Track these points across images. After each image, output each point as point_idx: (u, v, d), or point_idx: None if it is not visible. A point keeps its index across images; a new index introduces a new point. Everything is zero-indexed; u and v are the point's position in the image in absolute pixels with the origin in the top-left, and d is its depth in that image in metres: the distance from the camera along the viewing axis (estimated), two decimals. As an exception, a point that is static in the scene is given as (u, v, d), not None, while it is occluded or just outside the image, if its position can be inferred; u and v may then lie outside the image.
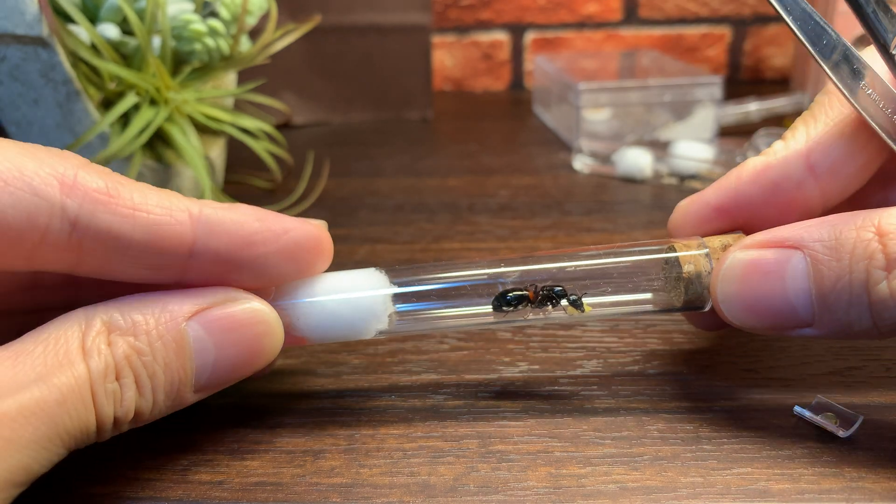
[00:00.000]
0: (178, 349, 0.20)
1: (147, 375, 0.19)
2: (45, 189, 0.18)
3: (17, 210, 0.18)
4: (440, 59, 0.73)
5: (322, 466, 0.22)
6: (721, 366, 0.26)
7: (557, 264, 0.23)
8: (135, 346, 0.19)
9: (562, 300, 0.23)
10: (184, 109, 0.39)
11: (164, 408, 0.20)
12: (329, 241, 0.22)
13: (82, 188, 0.18)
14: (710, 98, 0.52)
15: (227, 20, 0.39)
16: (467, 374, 0.26)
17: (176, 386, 0.20)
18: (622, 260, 0.23)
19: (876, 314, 0.20)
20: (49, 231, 0.18)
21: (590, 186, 0.45)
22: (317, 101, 0.61)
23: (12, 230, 0.18)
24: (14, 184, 0.17)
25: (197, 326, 0.20)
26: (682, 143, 0.45)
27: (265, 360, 0.21)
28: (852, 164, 0.22)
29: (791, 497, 0.20)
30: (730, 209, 0.24)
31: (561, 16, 0.72)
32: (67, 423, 0.18)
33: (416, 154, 0.53)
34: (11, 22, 0.33)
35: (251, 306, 0.21)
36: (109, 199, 0.19)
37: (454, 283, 0.23)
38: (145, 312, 0.19)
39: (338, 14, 0.58)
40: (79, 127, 0.36)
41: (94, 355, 0.18)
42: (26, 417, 0.17)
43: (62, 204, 0.18)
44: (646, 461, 0.21)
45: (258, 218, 0.21)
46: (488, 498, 0.20)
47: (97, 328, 0.19)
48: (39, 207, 0.18)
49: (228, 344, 0.21)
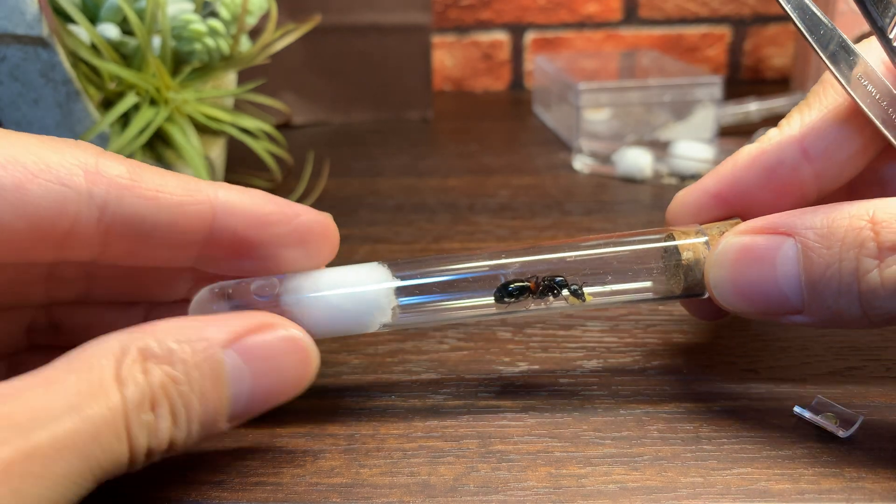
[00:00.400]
0: (214, 378, 0.19)
1: (182, 405, 0.19)
2: (72, 179, 0.18)
3: (48, 201, 0.18)
4: (440, 59, 0.73)
5: (322, 466, 0.22)
6: (721, 366, 0.26)
7: (558, 255, 0.23)
8: (171, 374, 0.18)
9: (563, 290, 0.23)
10: (184, 109, 0.39)
11: (198, 437, 0.19)
12: (335, 231, 0.23)
13: (106, 175, 0.19)
14: (710, 98, 0.52)
15: (227, 20, 0.39)
16: (467, 374, 0.26)
17: (211, 415, 0.19)
18: (622, 249, 0.24)
19: (865, 303, 0.20)
20: (79, 219, 0.18)
21: (590, 186, 0.45)
22: (317, 101, 0.61)
23: (44, 221, 0.18)
24: (42, 176, 0.18)
25: (234, 355, 0.19)
26: (682, 143, 0.45)
27: (301, 388, 0.21)
28: (847, 149, 0.23)
29: (791, 497, 0.20)
30: (727, 196, 0.24)
31: (561, 16, 0.72)
32: (100, 456, 0.17)
33: (416, 154, 0.53)
34: (11, 22, 0.33)
35: (288, 333, 0.20)
36: (133, 184, 0.19)
37: (456, 276, 0.23)
38: (181, 340, 0.19)
39: (338, 14, 0.58)
40: (79, 127, 0.36)
41: (129, 384, 0.17)
42: (59, 452, 0.16)
43: (89, 192, 0.18)
44: (646, 461, 0.21)
45: (272, 200, 0.21)
46: (488, 498, 0.20)
47: (133, 356, 0.18)
48: (68, 197, 0.18)
49: (265, 372, 0.20)
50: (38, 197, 0.18)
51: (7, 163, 0.18)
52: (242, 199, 0.21)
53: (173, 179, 0.20)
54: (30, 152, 0.18)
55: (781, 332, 0.28)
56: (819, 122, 0.23)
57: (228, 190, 0.21)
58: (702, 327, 0.29)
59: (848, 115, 0.22)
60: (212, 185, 0.21)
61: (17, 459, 0.15)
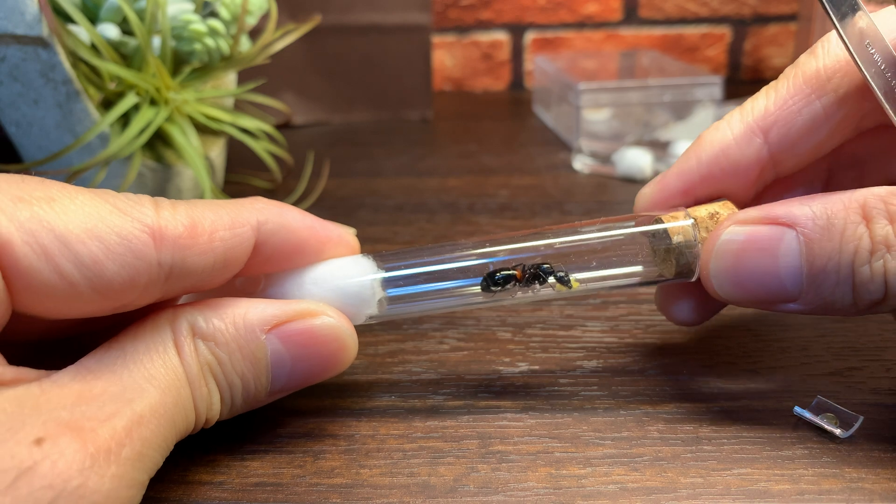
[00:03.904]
0: (255, 360, 0.21)
1: (227, 383, 0.20)
2: (143, 249, 0.18)
3: (123, 276, 0.18)
4: (440, 59, 0.73)
5: (322, 466, 0.22)
6: (721, 366, 0.26)
7: (543, 241, 0.23)
8: (216, 353, 0.20)
9: (549, 277, 0.23)
10: (184, 109, 0.39)
11: (240, 409, 0.21)
12: (357, 248, 0.24)
13: (170, 237, 0.19)
14: (710, 98, 0.52)
15: (227, 20, 0.39)
16: (467, 374, 0.26)
17: (252, 392, 0.21)
18: (608, 234, 0.24)
19: (857, 294, 0.20)
20: (147, 286, 0.19)
21: (590, 186, 0.45)
22: (317, 101, 0.61)
23: (115, 292, 0.18)
24: (117, 250, 0.18)
25: (275, 339, 0.21)
26: (682, 143, 0.45)
27: (338, 371, 0.22)
28: (811, 140, 0.23)
29: (791, 497, 0.20)
30: (691, 190, 0.24)
31: (561, 16, 0.72)
32: (180, 423, 0.19)
33: (416, 154, 0.53)
34: (11, 22, 0.33)
35: (329, 322, 0.22)
36: (193, 242, 0.19)
37: (442, 266, 0.23)
38: (226, 319, 0.20)
39: (338, 14, 0.58)
40: (79, 127, 0.36)
41: (188, 359, 0.19)
42: (157, 418, 0.18)
43: (158, 260, 0.19)
44: (646, 462, 0.21)
45: (305, 224, 0.22)
46: (488, 498, 0.20)
47: (185, 331, 0.20)
48: (140, 270, 0.18)
49: (305, 357, 0.21)
50: (113, 273, 0.18)
51: (85, 236, 0.17)
52: (278, 223, 0.21)
53: (222, 216, 0.20)
54: (102, 220, 0.18)
55: (781, 333, 0.28)
56: (785, 112, 0.23)
57: (266, 214, 0.21)
58: (701, 327, 0.29)
59: (814, 108, 0.22)
60: (253, 210, 0.21)
61: (133, 426, 0.17)
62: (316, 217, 0.23)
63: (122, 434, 0.17)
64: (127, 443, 0.17)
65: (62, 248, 0.17)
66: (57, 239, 0.17)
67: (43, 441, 0.16)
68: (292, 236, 0.22)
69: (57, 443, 0.16)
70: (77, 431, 0.16)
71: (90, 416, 0.17)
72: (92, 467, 0.16)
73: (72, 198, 0.18)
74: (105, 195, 0.19)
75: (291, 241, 0.22)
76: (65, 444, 0.16)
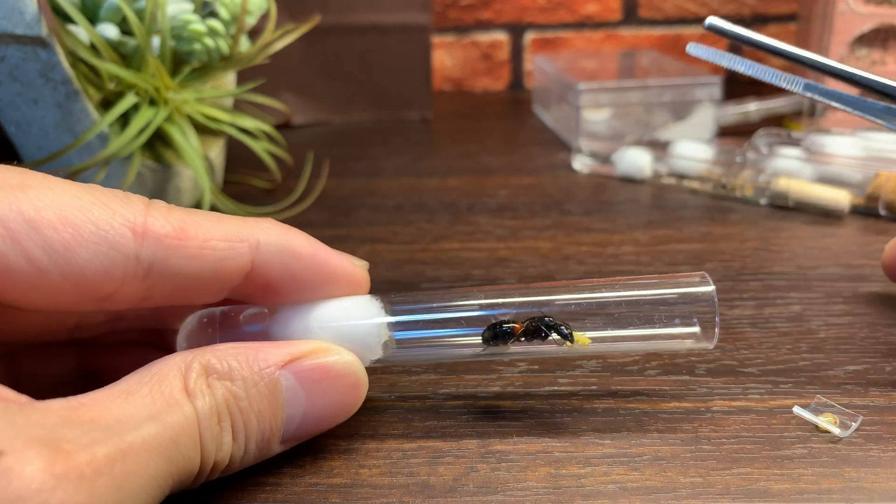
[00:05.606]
0: (271, 397, 0.20)
1: (242, 421, 0.19)
2: (121, 241, 0.18)
3: (96, 265, 0.18)
4: (440, 59, 0.73)
5: (322, 466, 0.22)
6: (721, 366, 0.26)
7: (553, 296, 0.23)
8: (232, 390, 0.19)
9: (552, 332, 0.22)
10: (183, 109, 0.39)
11: (253, 457, 0.20)
12: (367, 279, 0.23)
13: (154, 235, 0.19)
14: (710, 98, 0.52)
15: (227, 20, 0.39)
16: (467, 374, 0.26)
17: (267, 435, 0.20)
18: (635, 294, 0.23)
19: None
20: (124, 281, 0.18)
21: (589, 186, 0.45)
22: (317, 101, 0.61)
23: (90, 282, 0.18)
24: (91, 238, 0.18)
25: (289, 375, 0.20)
26: (682, 143, 0.45)
27: (350, 412, 0.22)
28: None
29: (791, 497, 0.20)
30: None
31: (560, 16, 0.72)
32: (179, 461, 0.18)
33: (416, 154, 0.53)
34: (11, 22, 0.33)
35: (342, 359, 0.21)
36: (180, 243, 0.19)
37: (451, 314, 0.23)
38: (240, 359, 0.20)
39: (337, 14, 0.58)
40: (78, 127, 0.36)
41: (198, 396, 0.19)
42: (149, 452, 0.17)
43: (137, 254, 0.18)
44: (645, 461, 0.21)
45: (309, 247, 0.21)
46: (488, 498, 0.20)
47: (197, 370, 0.19)
48: (115, 261, 0.18)
49: (319, 394, 0.21)
50: (85, 261, 0.18)
51: (58, 222, 0.17)
52: (280, 245, 0.21)
53: (219, 227, 0.20)
54: (80, 209, 0.18)
55: (781, 332, 0.28)
56: None
57: (269, 234, 0.21)
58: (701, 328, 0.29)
59: None
60: (254, 228, 0.21)
61: (117, 457, 0.16)
62: (324, 245, 0.22)
63: (102, 462, 0.16)
64: (106, 472, 0.16)
65: (31, 232, 0.17)
66: (26, 223, 0.17)
67: (3, 454, 0.15)
68: (296, 262, 0.21)
69: (20, 458, 0.15)
70: (50, 450, 0.15)
71: (71, 438, 0.16)
72: (54, 490, 0.15)
73: (50, 187, 0.18)
74: (93, 190, 0.18)
75: (294, 267, 0.21)
76: (27, 461, 0.15)
